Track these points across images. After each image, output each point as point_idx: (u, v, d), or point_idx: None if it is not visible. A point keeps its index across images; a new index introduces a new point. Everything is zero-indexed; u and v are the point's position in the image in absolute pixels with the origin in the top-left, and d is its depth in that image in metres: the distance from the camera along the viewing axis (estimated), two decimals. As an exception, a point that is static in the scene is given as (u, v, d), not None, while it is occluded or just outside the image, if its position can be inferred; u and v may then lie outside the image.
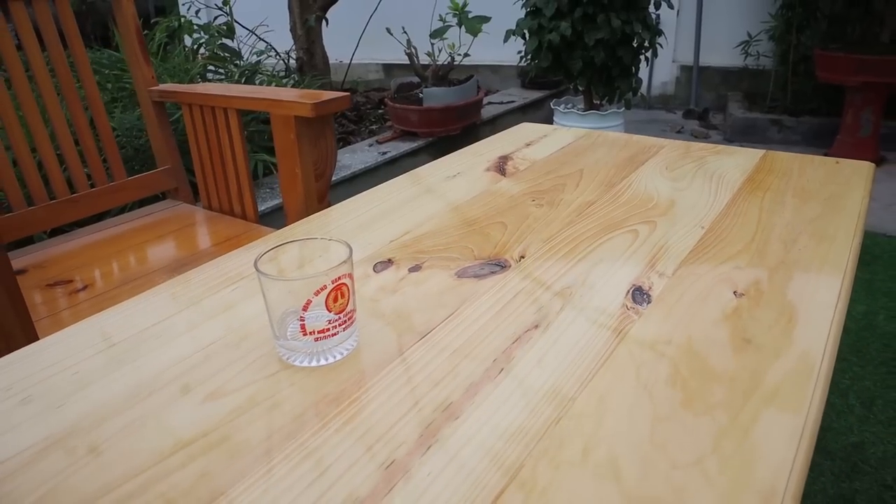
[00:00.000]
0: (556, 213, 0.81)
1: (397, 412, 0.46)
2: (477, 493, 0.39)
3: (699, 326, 0.55)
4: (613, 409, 0.45)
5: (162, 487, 0.41)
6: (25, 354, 0.56)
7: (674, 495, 0.38)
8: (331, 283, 0.49)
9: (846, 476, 1.23)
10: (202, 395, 0.49)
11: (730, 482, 0.39)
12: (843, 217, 0.76)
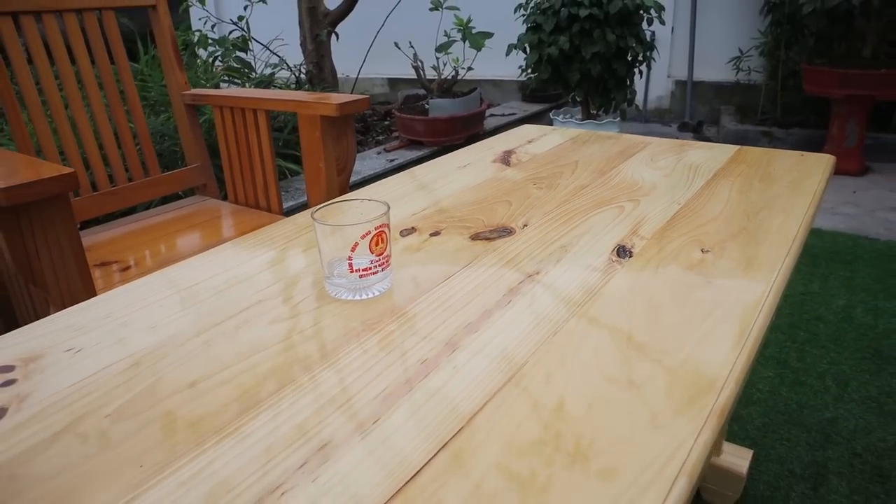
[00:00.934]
0: (554, 194, 0.93)
1: (427, 329, 0.58)
2: (488, 382, 0.51)
3: (671, 272, 0.67)
4: (599, 326, 0.58)
5: (242, 378, 0.53)
6: (121, 291, 0.68)
7: (642, 377, 0.50)
8: (374, 230, 0.61)
9: (820, 446, 1.34)
10: (267, 320, 0.61)
11: (686, 371, 0.51)
12: (801, 196, 0.89)
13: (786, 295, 1.96)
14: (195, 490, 0.41)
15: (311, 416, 0.47)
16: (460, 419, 0.46)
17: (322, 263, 0.65)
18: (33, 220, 0.88)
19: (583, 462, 0.42)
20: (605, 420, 0.46)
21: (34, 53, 1.33)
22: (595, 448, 0.43)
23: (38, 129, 1.32)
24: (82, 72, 1.40)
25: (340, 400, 0.49)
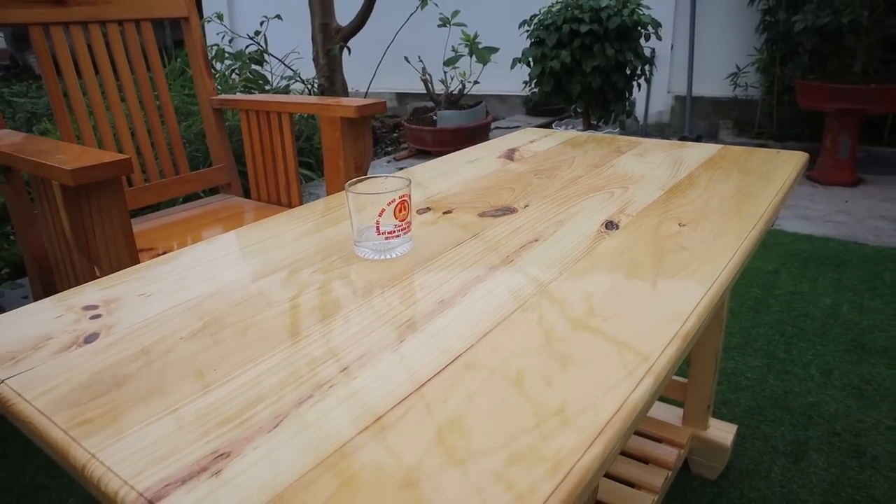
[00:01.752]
0: (553, 183, 1.05)
1: (443, 279, 0.69)
2: (496, 314, 0.62)
3: (651, 240, 0.78)
4: (589, 279, 0.68)
5: (291, 313, 0.63)
6: (175, 254, 0.79)
7: (623, 311, 0.61)
8: (398, 198, 0.73)
9: (802, 426, 1.44)
10: (310, 272, 0.72)
11: (659, 308, 0.62)
12: (771, 184, 1.00)
13: (776, 293, 2.06)
14: (270, 379, 0.52)
15: (348, 338, 0.58)
16: (472, 339, 0.57)
17: (353, 230, 0.76)
18: (91, 200, 1.00)
19: (573, 365, 0.53)
20: (590, 338, 0.57)
21: (80, 61, 1.46)
22: (582, 356, 0.54)
23: (82, 130, 1.44)
24: (122, 78, 1.52)
25: (373, 327, 0.60)
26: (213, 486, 0.41)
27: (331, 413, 0.48)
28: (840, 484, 1.27)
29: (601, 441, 0.45)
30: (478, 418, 0.47)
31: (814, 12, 2.93)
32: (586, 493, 0.43)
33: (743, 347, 1.76)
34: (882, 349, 1.72)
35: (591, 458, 0.43)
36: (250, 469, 0.43)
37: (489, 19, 4.44)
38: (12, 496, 1.32)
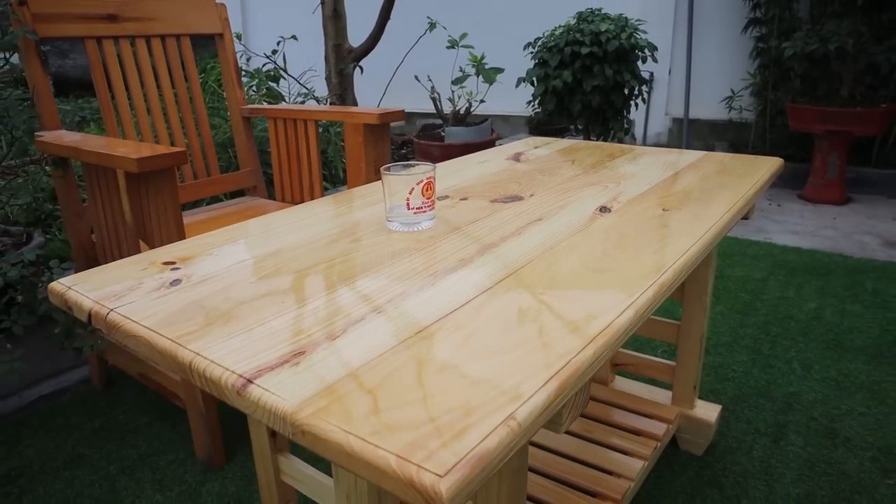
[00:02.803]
0: (555, 179, 1.19)
1: (461, 245, 0.83)
2: (506, 269, 0.75)
3: (638, 220, 0.92)
4: (584, 245, 0.82)
5: (338, 267, 0.77)
6: (235, 226, 0.93)
7: (610, 269, 0.74)
8: (425, 179, 0.87)
9: (782, 412, 1.56)
10: (347, 241, 0.86)
11: (641, 267, 0.75)
12: (747, 181, 1.14)
13: (763, 298, 2.19)
14: (327, 308, 0.65)
15: (389, 282, 0.72)
16: (490, 284, 0.71)
17: (385, 207, 0.90)
18: (150, 186, 1.14)
19: (569, 300, 0.66)
20: (585, 281, 0.70)
21: (127, 71, 1.61)
22: (577, 294, 0.67)
23: (127, 133, 1.59)
24: (162, 87, 1.67)
25: (409, 275, 0.73)
26: (294, 372, 0.55)
27: (381, 328, 0.61)
28: (815, 461, 1.39)
29: (590, 348, 0.58)
30: (497, 331, 0.60)
31: (803, 39, 3.10)
32: (578, 384, 0.56)
33: (730, 344, 1.89)
34: (860, 348, 1.85)
35: (583, 359, 0.56)
36: (320, 362, 0.56)
37: (495, 41, 4.63)
38: (58, 463, 1.44)
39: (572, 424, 1.35)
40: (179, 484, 1.36)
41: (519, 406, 0.49)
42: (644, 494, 1.30)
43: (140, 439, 1.51)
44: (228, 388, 0.54)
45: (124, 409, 1.64)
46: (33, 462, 1.44)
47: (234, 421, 1.58)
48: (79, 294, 0.72)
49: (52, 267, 1.23)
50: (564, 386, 0.53)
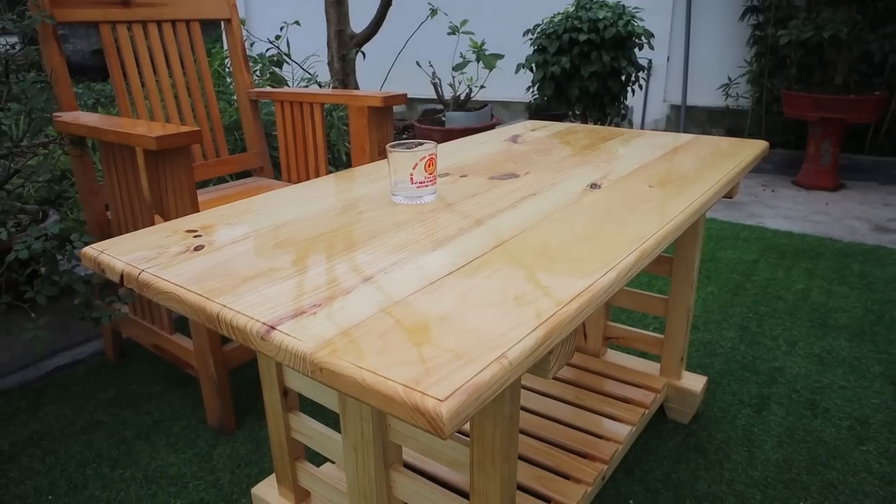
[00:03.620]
0: (549, 158, 1.25)
1: (460, 216, 0.90)
2: (501, 237, 0.82)
3: (625, 196, 0.99)
4: (574, 216, 0.89)
5: (348, 234, 0.84)
6: (250, 200, 1.00)
7: (597, 237, 0.81)
8: (428, 155, 0.93)
9: (766, 385, 1.63)
10: (355, 213, 0.93)
11: (625, 235, 0.82)
12: (731, 161, 1.20)
13: (753, 279, 2.26)
14: (340, 268, 0.72)
15: (394, 247, 0.79)
16: (486, 249, 0.78)
17: (390, 182, 0.97)
18: (167, 163, 1.20)
19: (560, 262, 0.73)
20: (573, 247, 0.77)
21: (139, 55, 1.67)
22: (567, 258, 0.74)
23: (140, 114, 1.65)
24: (173, 70, 1.73)
25: (413, 241, 0.80)
26: (311, 321, 0.61)
27: (389, 285, 0.68)
28: (795, 429, 1.46)
29: (574, 303, 0.65)
30: (491, 289, 0.67)
31: (798, 27, 3.15)
32: (563, 334, 0.63)
33: (719, 322, 1.96)
34: (844, 326, 1.92)
35: (567, 312, 0.63)
36: (334, 313, 0.63)
37: (496, 28, 4.67)
38: (77, 428, 1.51)
39: (566, 394, 1.42)
40: (192, 447, 1.44)
41: (509, 348, 0.56)
42: (633, 459, 1.38)
43: (153, 407, 1.59)
44: (253, 335, 0.61)
45: (137, 379, 1.71)
46: (53, 427, 1.52)
47: (243, 389, 1.65)
48: (111, 257, 0.79)
49: (73, 240, 1.29)
50: (550, 334, 0.60)
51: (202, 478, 1.34)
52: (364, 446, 0.91)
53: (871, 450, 1.39)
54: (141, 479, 1.34)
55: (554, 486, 1.14)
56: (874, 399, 1.57)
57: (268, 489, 1.16)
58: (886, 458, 1.36)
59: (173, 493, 1.30)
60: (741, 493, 1.27)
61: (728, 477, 1.32)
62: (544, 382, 1.46)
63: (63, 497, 1.30)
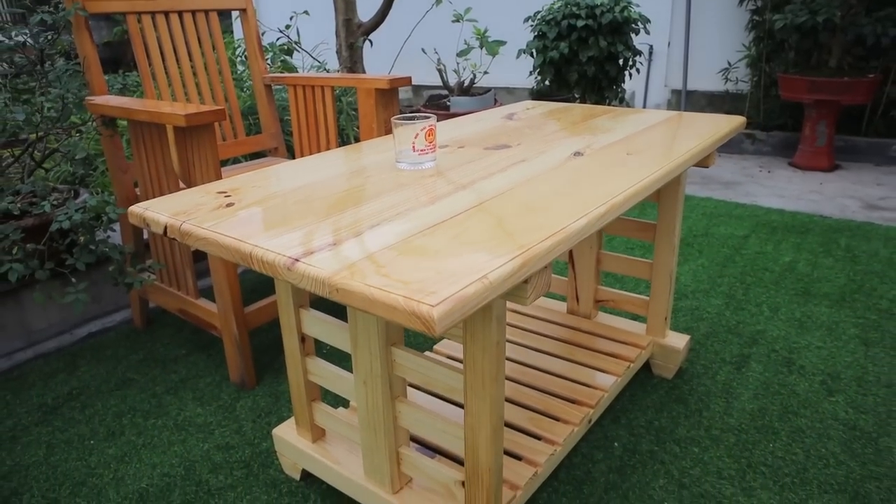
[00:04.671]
0: (541, 132, 1.37)
1: (457, 178, 1.02)
2: (491, 193, 0.94)
3: (605, 161, 1.11)
4: (556, 178, 1.01)
5: (357, 193, 0.96)
6: (271, 168, 1.13)
7: (576, 192, 0.94)
8: (428, 126, 1.06)
9: (747, 345, 1.75)
10: (363, 177, 1.05)
11: (600, 191, 0.94)
12: (705, 133, 1.32)
13: (743, 253, 2.37)
14: (355, 216, 0.85)
15: (398, 202, 0.91)
16: (476, 202, 0.90)
17: (395, 151, 1.09)
18: (194, 139, 1.33)
19: (537, 211, 0.85)
20: (551, 200, 0.89)
21: (163, 43, 1.80)
22: (544, 207, 0.87)
23: (163, 99, 1.78)
24: (194, 57, 1.86)
25: (414, 198, 0.93)
26: (328, 255, 0.74)
27: (392, 231, 0.81)
28: (770, 383, 1.58)
29: (548, 241, 0.77)
30: (479, 231, 0.80)
31: (793, 11, 3.23)
32: (538, 265, 0.75)
33: (707, 291, 2.08)
34: (825, 294, 2.04)
35: (542, 247, 0.76)
36: (347, 249, 0.75)
37: (498, 16, 4.77)
38: (111, 385, 1.66)
39: (559, 351, 1.54)
40: (217, 400, 1.58)
41: (490, 272, 0.68)
42: (619, 408, 1.51)
43: (180, 367, 1.73)
44: (280, 266, 0.74)
45: (164, 343, 1.85)
46: (90, 384, 1.66)
47: (261, 351, 1.79)
48: (155, 213, 0.92)
49: (108, 212, 1.43)
50: (526, 263, 0.73)
51: (226, 426, 1.48)
52: (373, 380, 1.04)
53: (840, 400, 1.51)
54: (172, 427, 1.48)
55: (544, 426, 1.27)
56: (847, 357, 1.68)
57: (287, 430, 1.29)
58: (852, 408, 1.48)
59: (201, 438, 1.44)
60: (717, 437, 1.40)
61: (706, 424, 1.44)
62: (540, 340, 1.59)
63: (103, 442, 1.44)
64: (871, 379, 1.59)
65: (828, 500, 1.22)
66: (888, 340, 1.76)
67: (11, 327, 1.79)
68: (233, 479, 1.31)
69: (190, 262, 1.60)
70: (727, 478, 1.28)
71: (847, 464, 1.31)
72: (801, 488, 1.25)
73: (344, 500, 1.25)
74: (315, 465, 1.23)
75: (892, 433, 1.39)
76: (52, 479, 1.33)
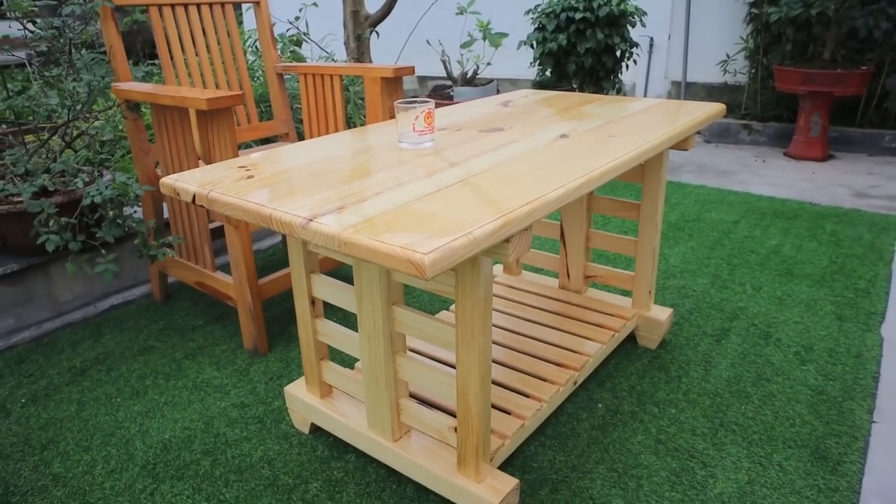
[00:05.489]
0: (533, 118, 1.49)
1: (453, 156, 1.14)
2: (480, 168, 1.06)
3: (587, 143, 1.22)
4: (541, 155, 1.13)
5: (364, 167, 1.08)
6: (286, 147, 1.25)
7: (560, 167, 1.05)
8: (427, 109, 1.17)
9: (728, 320, 1.87)
10: (368, 155, 1.17)
11: (582, 164, 1.06)
12: (683, 118, 1.43)
13: (731, 237, 2.48)
14: (362, 185, 0.97)
15: (399, 174, 1.03)
16: (467, 176, 1.02)
17: (398, 132, 1.21)
18: (214, 121, 1.45)
19: (521, 182, 0.97)
20: (534, 174, 1.01)
21: (182, 34, 1.92)
22: (527, 179, 0.98)
23: (183, 85, 1.90)
24: (211, 48, 1.98)
25: (413, 171, 1.05)
26: (336, 216, 0.86)
27: (392, 198, 0.93)
28: (747, 354, 1.70)
29: (527, 207, 0.89)
30: (467, 199, 0.92)
31: (788, 4, 3.32)
32: (518, 227, 0.87)
33: (695, 271, 2.19)
34: (807, 275, 2.14)
35: (521, 212, 0.87)
36: (353, 212, 0.87)
37: (501, 8, 4.87)
38: (134, 351, 1.79)
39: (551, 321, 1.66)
40: (232, 365, 1.70)
41: (475, 229, 0.80)
42: (605, 374, 1.62)
43: (197, 335, 1.86)
44: (296, 226, 0.86)
45: (182, 314, 1.98)
46: (114, 350, 1.79)
47: (272, 323, 1.92)
48: (184, 184, 1.04)
49: (134, 188, 1.55)
50: (507, 224, 0.85)
51: (241, 387, 1.61)
52: (375, 336, 1.16)
53: (811, 369, 1.62)
54: (191, 387, 1.61)
55: (532, 385, 1.39)
56: (822, 332, 1.80)
57: (298, 387, 1.42)
58: (821, 375, 1.60)
59: (218, 398, 1.57)
60: (694, 400, 1.52)
61: (684, 388, 1.56)
62: (533, 312, 1.70)
63: (128, 400, 1.57)
64: (841, 350, 1.70)
65: (790, 454, 1.33)
66: (861, 316, 1.87)
67: (40, 299, 1.93)
68: (248, 433, 1.44)
69: (208, 237, 1.72)
70: (700, 435, 1.40)
71: (812, 423, 1.42)
72: (767, 444, 1.36)
73: (348, 450, 1.38)
74: (323, 419, 1.35)
75: (856, 397, 1.51)
76: (84, 430, 1.46)
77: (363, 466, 1.33)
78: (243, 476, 1.31)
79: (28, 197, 1.48)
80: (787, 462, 1.31)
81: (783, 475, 1.28)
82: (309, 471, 1.32)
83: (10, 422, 1.50)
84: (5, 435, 1.46)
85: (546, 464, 1.33)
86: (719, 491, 1.24)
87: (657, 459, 1.33)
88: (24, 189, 1.50)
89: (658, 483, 1.27)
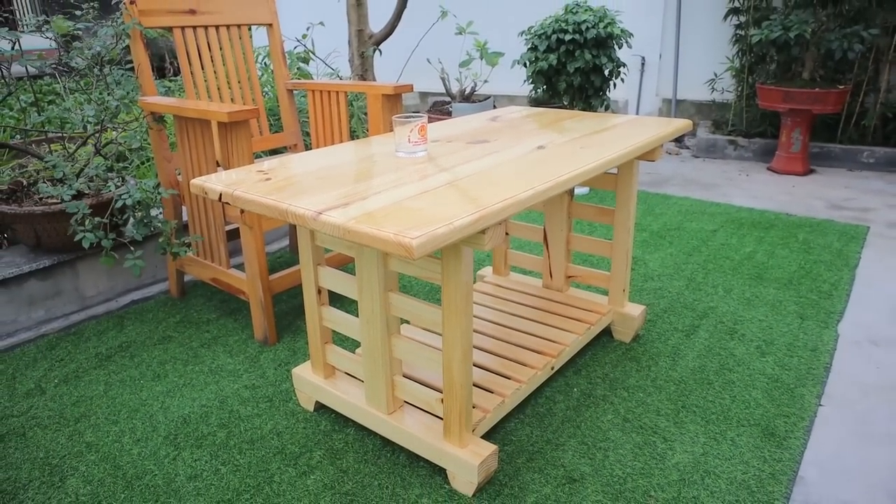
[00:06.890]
0: (517, 131, 1.67)
1: (443, 163, 1.32)
2: (465, 173, 1.24)
3: (562, 152, 1.40)
4: (518, 163, 1.31)
5: (366, 171, 1.26)
6: (297, 154, 1.43)
7: (536, 170, 1.23)
8: (420, 123, 1.35)
9: (699, 318, 2.04)
10: (370, 162, 1.35)
11: (555, 170, 1.24)
12: (652, 133, 1.61)
13: (709, 244, 2.65)
14: (366, 185, 1.15)
15: (395, 178, 1.21)
16: (453, 179, 1.20)
17: (395, 143, 1.39)
18: (234, 132, 1.64)
19: (496, 185, 1.15)
20: (511, 181, 1.19)
21: (202, 53, 2.11)
22: (503, 183, 1.16)
23: (202, 99, 2.09)
24: (228, 66, 2.17)
25: (408, 176, 1.22)
26: (342, 210, 1.04)
27: (388, 197, 1.11)
28: (713, 347, 1.87)
29: (500, 204, 1.06)
30: (451, 198, 1.09)
31: (769, 27, 3.52)
32: (493, 220, 1.04)
33: (671, 275, 2.36)
34: (776, 279, 2.31)
35: (496, 207, 1.05)
36: (356, 208, 1.05)
37: (497, 29, 5.08)
38: (154, 340, 1.96)
39: (533, 316, 1.83)
40: (243, 353, 1.87)
41: (456, 220, 0.98)
42: (581, 363, 1.79)
43: (212, 327, 2.03)
44: (308, 217, 1.04)
45: (197, 309, 2.16)
46: (136, 339, 1.97)
47: (281, 317, 2.09)
48: (212, 184, 1.22)
49: (161, 192, 1.73)
50: (483, 217, 1.02)
51: (252, 372, 1.78)
52: (374, 319, 1.34)
53: (769, 360, 1.79)
54: (207, 372, 1.78)
55: (513, 369, 1.56)
56: (783, 328, 1.96)
57: (304, 369, 1.59)
58: (779, 366, 1.76)
59: (231, 381, 1.74)
60: (661, 386, 1.68)
61: (653, 376, 1.73)
62: (517, 308, 1.88)
63: (151, 381, 1.74)
64: (799, 345, 1.87)
65: (743, 431, 1.50)
66: (821, 315, 2.04)
67: (68, 293, 2.10)
68: (258, 410, 1.61)
69: (224, 237, 1.90)
70: (664, 415, 1.56)
71: (765, 406, 1.59)
72: (723, 423, 1.53)
73: (348, 424, 1.54)
74: (327, 396, 1.52)
75: (807, 384, 1.67)
76: (112, 407, 1.63)
77: (361, 438, 1.49)
78: (255, 445, 1.48)
79: (68, 199, 1.66)
80: (740, 438, 1.48)
81: (734, 448, 1.44)
82: (313, 441, 1.49)
83: (46, 398, 1.67)
84: (42, 409, 1.63)
85: (524, 438, 1.49)
86: (677, 461, 1.41)
87: (623, 435, 1.49)
88: (63, 192, 1.68)
89: (622, 454, 1.43)
